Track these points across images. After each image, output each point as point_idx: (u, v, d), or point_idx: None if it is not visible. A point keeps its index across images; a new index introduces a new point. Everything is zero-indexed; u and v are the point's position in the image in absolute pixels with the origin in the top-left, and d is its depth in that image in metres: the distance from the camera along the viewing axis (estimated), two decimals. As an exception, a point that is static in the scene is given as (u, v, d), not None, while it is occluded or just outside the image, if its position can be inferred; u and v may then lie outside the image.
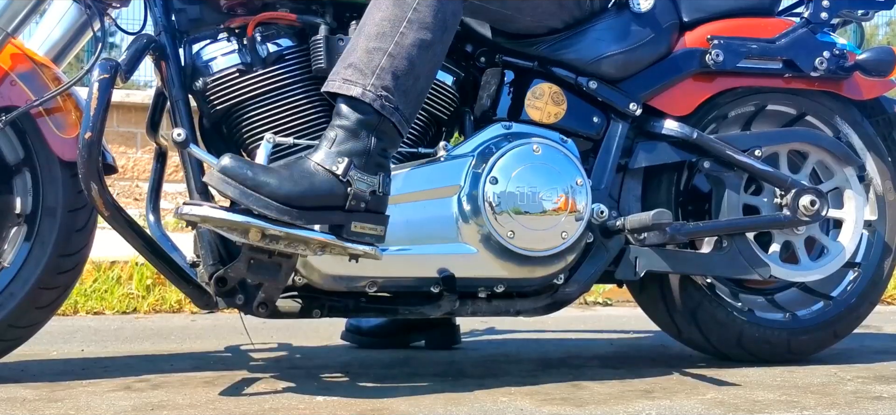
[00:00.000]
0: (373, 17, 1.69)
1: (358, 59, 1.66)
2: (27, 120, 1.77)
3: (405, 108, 1.68)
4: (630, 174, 2.01)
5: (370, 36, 1.67)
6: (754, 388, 1.83)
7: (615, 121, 1.98)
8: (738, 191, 2.05)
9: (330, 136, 1.64)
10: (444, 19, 1.71)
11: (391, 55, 1.66)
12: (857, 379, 1.93)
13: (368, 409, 1.62)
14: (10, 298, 1.77)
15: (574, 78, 1.95)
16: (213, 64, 1.80)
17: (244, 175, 1.57)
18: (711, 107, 2.06)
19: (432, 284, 1.83)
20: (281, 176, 1.58)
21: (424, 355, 2.24)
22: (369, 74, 1.65)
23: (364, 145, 1.64)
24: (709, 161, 2.02)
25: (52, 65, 1.86)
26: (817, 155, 2.11)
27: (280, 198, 1.56)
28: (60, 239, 1.80)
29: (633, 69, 1.98)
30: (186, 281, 1.81)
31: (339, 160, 1.61)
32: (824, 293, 2.14)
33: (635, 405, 1.67)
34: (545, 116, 1.92)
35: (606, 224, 1.92)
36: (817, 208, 2.01)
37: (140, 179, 4.89)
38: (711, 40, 2.01)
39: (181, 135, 1.67)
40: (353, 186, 1.61)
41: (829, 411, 1.64)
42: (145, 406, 1.63)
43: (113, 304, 3.01)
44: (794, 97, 2.11)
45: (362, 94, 1.64)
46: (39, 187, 1.80)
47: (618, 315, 3.04)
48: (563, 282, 1.91)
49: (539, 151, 1.84)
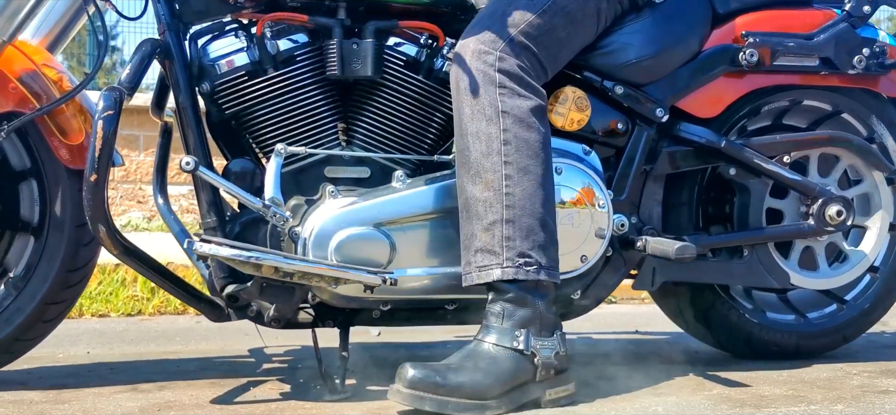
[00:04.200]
0: (472, 194, 1.63)
1: (482, 243, 1.62)
2: (31, 127, 1.74)
3: (548, 258, 1.64)
4: (652, 178, 1.93)
5: (480, 215, 1.62)
6: (761, 383, 1.82)
7: (640, 127, 1.88)
8: (763, 198, 1.99)
9: (495, 311, 1.61)
10: (537, 148, 1.64)
11: (509, 221, 1.61)
12: (863, 374, 1.93)
13: (375, 409, 1.61)
14: (17, 313, 1.76)
15: (600, 82, 1.85)
16: (221, 65, 1.75)
17: (435, 383, 1.53)
18: (743, 104, 1.97)
19: (447, 303, 1.81)
20: (469, 371, 1.56)
21: (430, 355, 2.24)
22: (499, 251, 1.60)
23: (532, 310, 1.61)
24: (735, 168, 1.95)
25: (54, 62, 1.81)
26: (848, 159, 2.04)
27: (476, 394, 1.54)
28: (68, 254, 1.77)
29: (663, 73, 1.88)
30: (198, 299, 1.78)
31: (517, 335, 1.59)
32: (839, 297, 2.10)
33: (642, 402, 1.66)
34: (568, 123, 1.83)
35: (627, 236, 1.87)
36: (843, 219, 1.96)
37: (143, 181, 4.88)
38: (746, 37, 1.91)
39: (190, 163, 1.63)
40: (539, 355, 1.59)
41: (835, 405, 1.64)
42: (152, 407, 1.63)
43: (118, 306, 3.01)
44: (831, 94, 2.02)
45: (502, 274, 1.60)
46: (47, 198, 1.77)
47: (624, 313, 3.03)
48: (580, 296, 1.87)
49: (561, 171, 1.77)
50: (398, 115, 1.80)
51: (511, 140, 1.63)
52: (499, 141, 1.63)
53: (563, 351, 1.63)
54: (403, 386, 1.54)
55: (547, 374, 1.60)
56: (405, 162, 1.81)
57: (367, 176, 1.79)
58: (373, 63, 1.74)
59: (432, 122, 1.83)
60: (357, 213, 1.69)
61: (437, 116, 1.83)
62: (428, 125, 1.83)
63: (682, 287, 2.05)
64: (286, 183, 1.72)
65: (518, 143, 1.63)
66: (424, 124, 1.83)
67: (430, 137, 1.84)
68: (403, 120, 1.81)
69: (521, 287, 1.61)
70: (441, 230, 1.73)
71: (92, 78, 1.75)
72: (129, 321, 2.89)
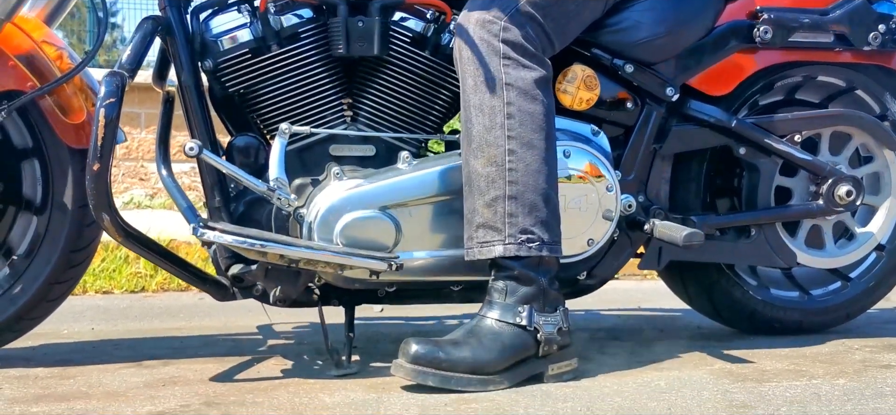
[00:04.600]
0: (474, 168, 1.62)
1: (483, 219, 1.61)
2: (31, 106, 1.72)
3: (551, 233, 1.63)
4: (660, 156, 1.90)
5: (482, 190, 1.61)
6: (762, 358, 1.83)
7: (650, 105, 1.85)
8: (773, 177, 1.97)
9: (498, 287, 1.61)
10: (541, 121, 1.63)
11: (512, 197, 1.60)
12: (865, 348, 1.93)
13: (379, 384, 1.62)
14: (21, 294, 1.76)
15: (610, 60, 1.81)
16: (224, 41, 1.73)
17: (437, 358, 1.54)
18: (755, 80, 1.94)
19: (452, 284, 1.81)
20: (472, 347, 1.56)
21: (434, 329, 2.24)
22: (502, 227, 1.60)
23: (535, 287, 1.61)
24: (745, 147, 1.93)
25: (54, 38, 1.78)
26: (861, 137, 2.02)
27: (479, 369, 1.55)
28: (71, 235, 1.76)
29: (675, 51, 1.84)
30: (203, 279, 1.76)
31: (520, 311, 1.59)
32: (844, 274, 2.09)
33: (644, 376, 1.67)
34: (576, 103, 1.79)
35: (634, 217, 1.85)
36: (853, 199, 1.95)
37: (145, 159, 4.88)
38: (761, 13, 1.88)
39: (194, 149, 1.61)
40: (542, 331, 1.59)
41: (837, 379, 1.65)
42: (157, 382, 1.64)
43: (121, 283, 3.02)
44: (845, 70, 2.00)
45: (504, 250, 1.60)
46: (49, 179, 1.76)
47: (625, 289, 3.04)
48: (585, 277, 1.86)
49: (569, 154, 1.75)
50: (404, 92, 1.78)
51: (515, 113, 1.61)
52: (502, 114, 1.61)
53: (565, 327, 1.63)
54: (407, 361, 1.55)
55: (550, 349, 1.61)
56: (412, 141, 1.80)
57: (373, 154, 1.77)
58: (379, 40, 1.72)
59: (439, 99, 1.81)
60: (363, 195, 1.68)
61: (444, 92, 1.81)
62: (434, 102, 1.81)
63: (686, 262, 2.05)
64: (291, 161, 1.71)
65: (522, 116, 1.61)
66: (431, 101, 1.81)
67: (436, 114, 1.82)
68: (410, 97, 1.79)
69: (524, 264, 1.61)
70: (447, 212, 1.72)
71: (92, 57, 1.72)
72: (132, 298, 2.90)
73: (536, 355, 1.60)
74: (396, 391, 1.56)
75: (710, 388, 1.59)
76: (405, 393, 1.55)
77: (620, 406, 1.47)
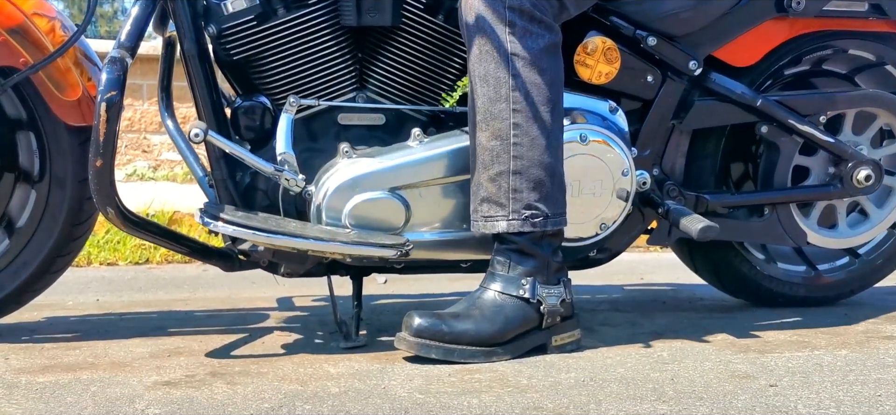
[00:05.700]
0: (480, 141, 1.60)
1: (487, 193, 1.60)
2: (25, 82, 1.67)
3: (555, 206, 1.61)
4: (678, 131, 1.86)
5: (487, 164, 1.59)
6: (765, 329, 1.84)
7: (671, 80, 1.79)
8: (792, 156, 1.93)
9: (501, 259, 1.61)
10: (547, 92, 1.59)
11: (516, 172, 1.58)
12: (867, 320, 1.94)
13: (383, 356, 1.63)
14: (23, 267, 1.75)
15: (632, 31, 1.75)
16: (227, 5, 1.67)
17: (440, 331, 1.54)
18: (782, 50, 1.89)
19: (462, 262, 1.80)
20: (474, 319, 1.56)
21: (439, 303, 2.25)
22: (506, 203, 1.59)
23: (538, 260, 1.61)
24: (767, 126, 1.88)
25: (45, 7, 1.72)
26: (886, 118, 1.98)
27: (482, 341, 1.55)
28: (72, 209, 1.75)
29: (702, 23, 1.77)
30: (209, 253, 1.74)
31: (523, 283, 1.59)
32: (853, 250, 2.08)
33: (647, 347, 1.68)
34: (596, 76, 1.74)
35: (648, 194, 1.81)
36: (872, 184, 1.93)
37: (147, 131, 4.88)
38: None
39: (199, 135, 1.58)
40: (545, 303, 1.59)
41: (839, 350, 1.65)
42: (162, 353, 1.65)
43: (126, 254, 3.03)
44: (876, 44, 1.95)
45: (508, 225, 1.59)
46: (46, 153, 1.73)
47: (629, 261, 3.04)
48: (596, 253, 1.85)
49: (586, 139, 1.71)
50: (416, 61, 1.74)
51: (520, 86, 1.58)
52: (507, 86, 1.58)
53: (568, 298, 1.63)
54: (410, 335, 1.55)
55: (553, 321, 1.61)
56: (421, 112, 1.77)
57: (382, 123, 1.74)
58: (390, 9, 1.68)
59: (451, 67, 1.76)
60: (372, 177, 1.66)
61: (456, 60, 1.76)
62: (447, 71, 1.76)
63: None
64: (298, 129, 1.69)
65: (528, 88, 1.59)
66: (443, 70, 1.76)
67: (447, 83, 1.78)
68: (421, 66, 1.74)
69: (527, 238, 1.61)
70: (458, 193, 1.71)
71: (82, 31, 1.63)
72: (137, 269, 2.91)
73: (539, 326, 1.61)
74: (400, 363, 1.57)
75: (712, 358, 1.60)
76: (409, 364, 1.56)
77: (623, 376, 1.47)
